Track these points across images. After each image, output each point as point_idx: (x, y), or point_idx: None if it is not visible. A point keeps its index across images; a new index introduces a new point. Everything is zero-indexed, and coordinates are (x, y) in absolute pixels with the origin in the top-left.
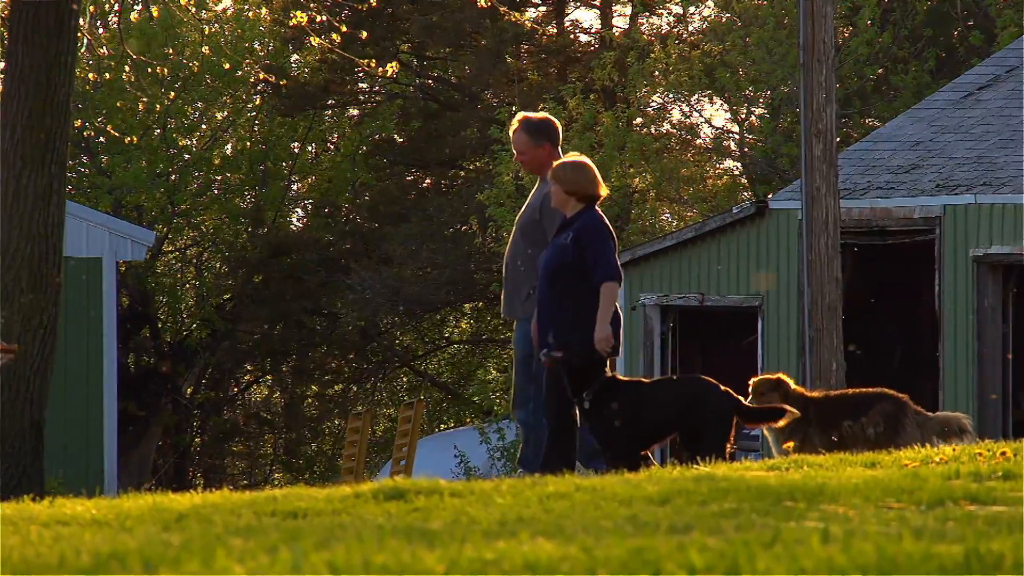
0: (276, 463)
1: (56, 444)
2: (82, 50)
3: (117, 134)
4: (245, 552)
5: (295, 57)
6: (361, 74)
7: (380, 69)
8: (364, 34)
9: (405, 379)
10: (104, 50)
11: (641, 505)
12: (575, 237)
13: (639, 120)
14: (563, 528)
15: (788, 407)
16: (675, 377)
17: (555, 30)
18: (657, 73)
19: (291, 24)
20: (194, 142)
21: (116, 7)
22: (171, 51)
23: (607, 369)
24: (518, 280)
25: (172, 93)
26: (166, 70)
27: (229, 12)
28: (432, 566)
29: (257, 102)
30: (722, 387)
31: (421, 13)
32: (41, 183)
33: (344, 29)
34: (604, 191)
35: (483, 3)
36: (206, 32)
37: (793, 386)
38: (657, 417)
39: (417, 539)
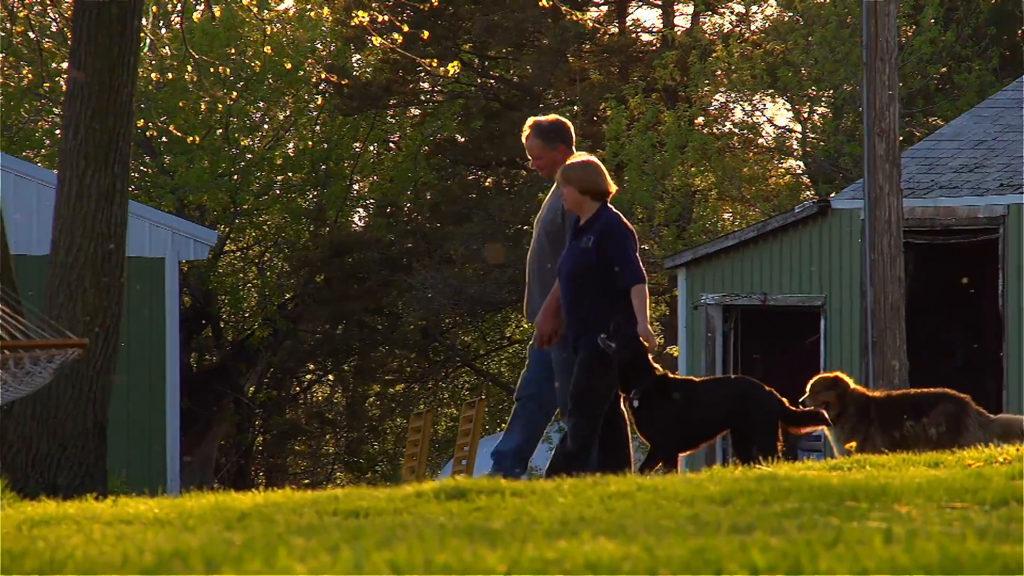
0: (338, 462)
1: (119, 443)
2: (145, 50)
3: (180, 134)
4: (307, 551)
5: (357, 57)
6: (423, 74)
7: (442, 69)
8: (426, 34)
9: (466, 378)
10: (167, 50)
11: (703, 505)
12: (597, 240)
13: (701, 119)
14: (625, 528)
15: (827, 417)
16: (724, 377)
17: (617, 29)
18: (719, 72)
19: (353, 24)
20: (256, 142)
21: (179, 7)
22: (233, 51)
23: (658, 368)
24: (545, 284)
25: (234, 93)
26: (228, 70)
27: (291, 12)
28: (493, 566)
29: (319, 102)
30: (768, 388)
31: (483, 13)
32: (104, 183)
33: (406, 29)
34: (610, 186)
35: (545, 2)
36: (268, 32)
37: (852, 385)
38: (706, 417)
39: (478, 538)
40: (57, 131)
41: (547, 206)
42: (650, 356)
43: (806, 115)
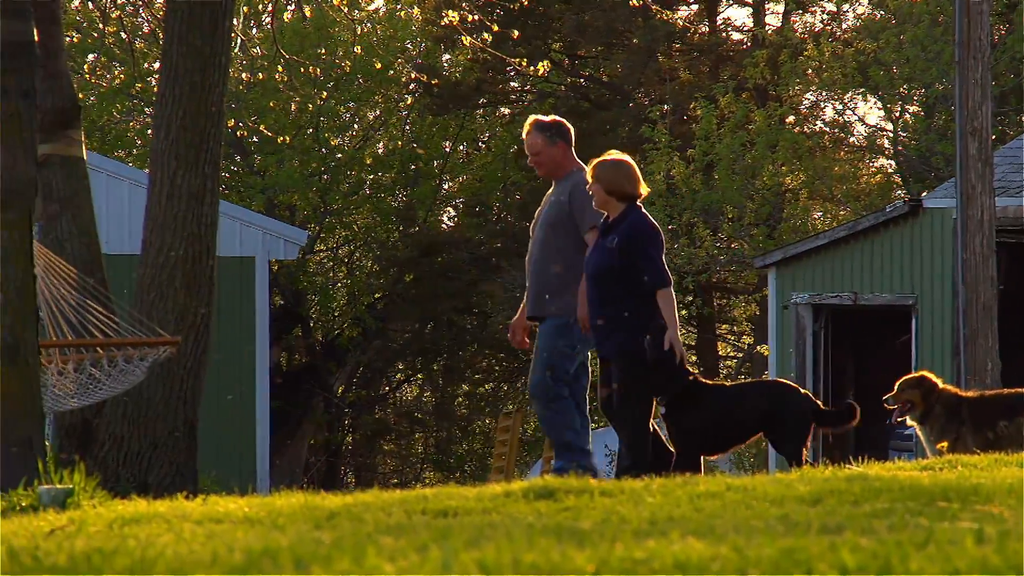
0: (427, 462)
1: (209, 442)
2: (236, 50)
3: (270, 134)
4: (396, 551)
5: (447, 56)
6: (512, 73)
7: (531, 68)
8: (516, 33)
9: None
10: (257, 50)
11: (793, 505)
12: (622, 242)
13: (791, 118)
14: (714, 528)
15: (856, 410)
16: (758, 380)
17: (707, 28)
18: (810, 71)
19: (443, 23)
20: (346, 142)
21: (270, 8)
22: (324, 51)
23: (692, 371)
24: (547, 280)
25: (324, 93)
26: (318, 70)
27: (381, 12)
28: (582, 565)
29: (409, 102)
30: (802, 391)
31: (573, 12)
32: (195, 183)
33: (496, 28)
34: (645, 190)
35: (635, 2)
36: (358, 32)
37: (942, 385)
38: (736, 420)
39: (567, 538)
40: (149, 131)
41: (549, 201)
42: (683, 360)
43: (897, 114)
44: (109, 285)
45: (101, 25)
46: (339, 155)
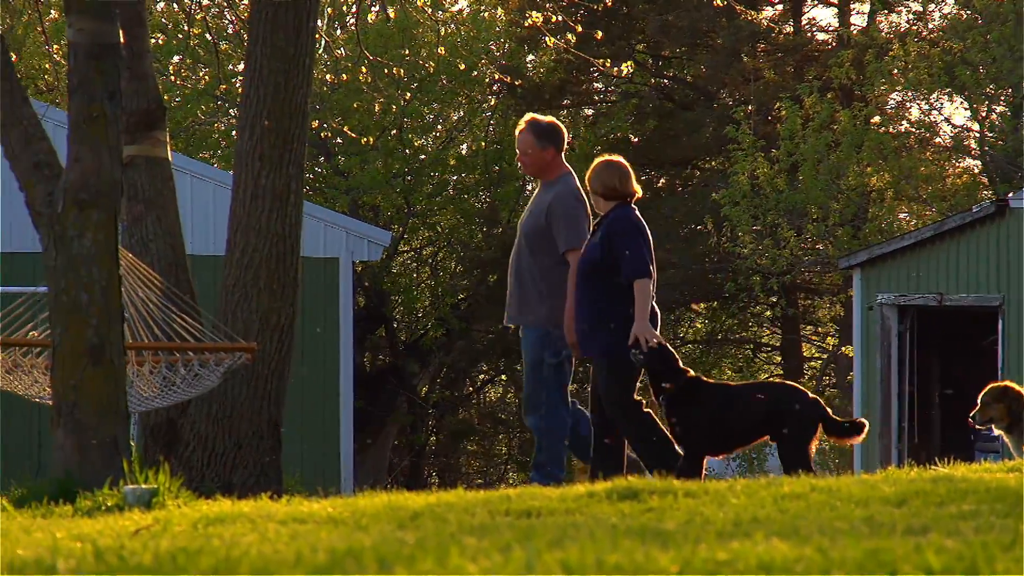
0: (510, 462)
1: (293, 443)
2: (320, 52)
3: (354, 135)
4: (479, 551)
5: (530, 57)
6: (596, 74)
7: (615, 69)
8: (599, 34)
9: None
10: (341, 51)
11: (877, 506)
12: (604, 235)
13: (877, 118)
14: (798, 529)
15: (864, 427)
16: (764, 382)
17: (792, 28)
18: (896, 71)
19: (527, 24)
20: (430, 142)
21: (354, 9)
22: (407, 52)
23: (689, 371)
24: (526, 288)
25: (408, 94)
26: (402, 71)
27: (465, 13)
28: (665, 566)
29: (492, 102)
30: (811, 395)
31: (657, 12)
32: (279, 184)
33: (579, 29)
34: (635, 189)
35: (719, 2)
36: (442, 33)
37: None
38: (740, 420)
39: (650, 539)
40: (233, 132)
41: (530, 210)
42: (676, 358)
43: (984, 114)
44: (194, 286)
45: (186, 27)
46: (423, 156)
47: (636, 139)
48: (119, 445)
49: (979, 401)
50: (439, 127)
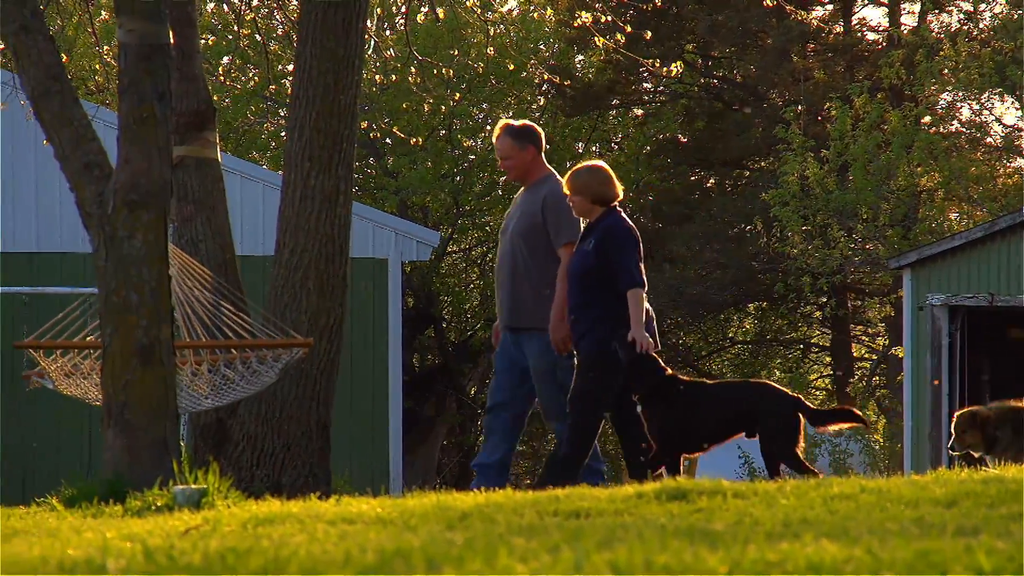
0: None
1: (343, 443)
2: (369, 52)
3: (403, 135)
4: (527, 551)
5: (580, 57)
6: (645, 74)
7: (665, 69)
8: (649, 34)
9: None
10: (391, 52)
11: (928, 507)
12: (596, 243)
13: (927, 119)
14: (847, 530)
15: (856, 411)
16: (738, 380)
17: (842, 28)
18: (946, 71)
19: (576, 24)
20: (479, 143)
21: (403, 9)
22: (456, 53)
23: (667, 369)
24: (523, 291)
25: (457, 94)
26: (451, 71)
27: (514, 13)
28: (714, 567)
29: (541, 103)
30: (786, 391)
31: (706, 12)
32: (328, 184)
33: (629, 29)
34: (618, 192)
35: (769, 2)
36: (491, 33)
37: (991, 407)
38: (712, 419)
39: (699, 540)
40: (282, 133)
41: (520, 212)
42: (657, 358)
43: None
44: (243, 286)
45: (236, 27)
46: (472, 156)
47: (685, 139)
48: (169, 445)
49: (952, 430)
50: (488, 127)
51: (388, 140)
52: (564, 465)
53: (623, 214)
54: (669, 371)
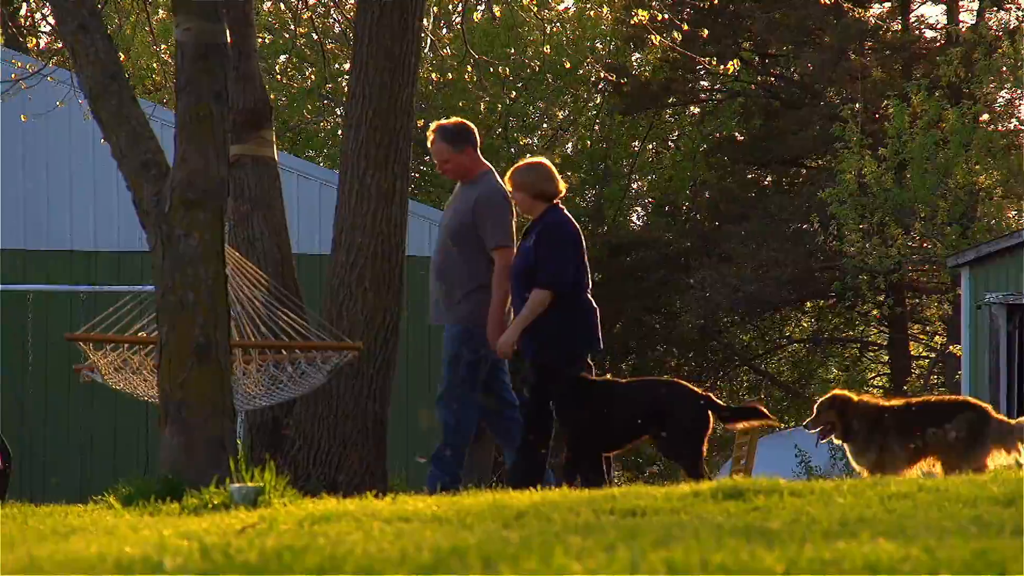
0: (615, 460)
1: (399, 441)
2: (425, 51)
3: None
4: (583, 550)
5: (636, 55)
6: (702, 72)
7: (721, 67)
8: (705, 32)
9: (745, 378)
10: (447, 50)
11: (986, 506)
12: (535, 239)
13: (985, 116)
14: (905, 528)
15: (763, 409)
16: (648, 379)
17: (900, 26)
18: (1004, 68)
19: (632, 22)
20: (535, 141)
21: (459, 8)
22: (513, 51)
23: (584, 370)
24: (450, 285)
25: (513, 93)
26: (507, 70)
27: (571, 11)
28: (771, 566)
29: (598, 101)
30: (697, 390)
31: (764, 10)
32: (385, 182)
33: (685, 27)
34: (560, 188)
35: (826, 0)
36: (548, 32)
37: (857, 399)
38: (622, 418)
39: (756, 538)
40: (339, 131)
41: (453, 208)
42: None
43: None
44: (300, 284)
45: (292, 26)
46: (528, 155)
47: (742, 137)
48: (225, 443)
49: (814, 410)
50: (544, 126)
51: None
52: (523, 464)
53: (565, 211)
54: (583, 373)
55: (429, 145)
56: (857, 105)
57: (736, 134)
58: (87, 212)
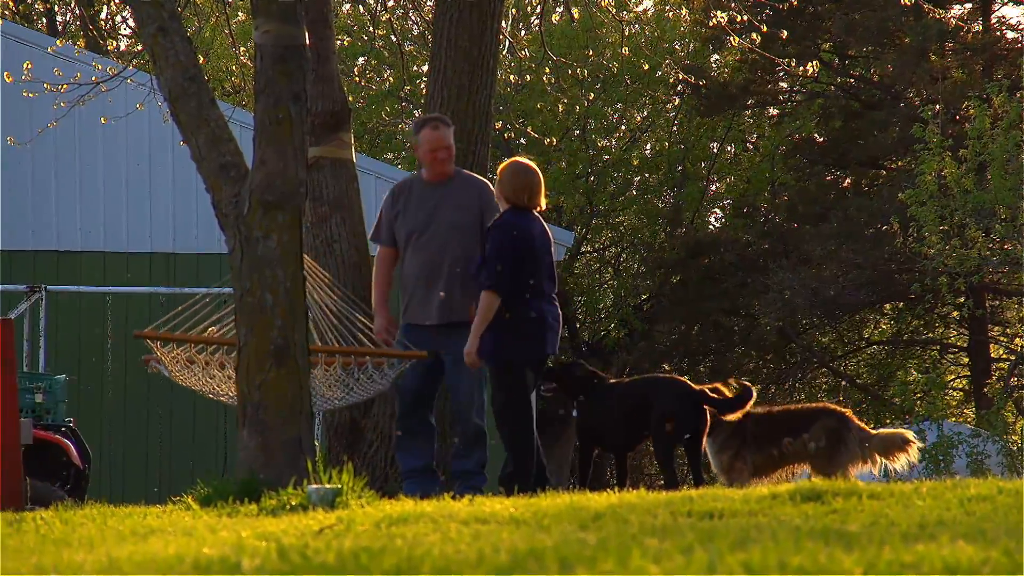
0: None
1: None
2: (503, 52)
3: (537, 136)
4: (660, 552)
5: (715, 57)
6: (782, 73)
7: (801, 68)
8: (784, 33)
9: (824, 380)
10: (525, 52)
11: None
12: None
13: None
14: (984, 531)
15: (749, 393)
16: (647, 376)
17: (981, 27)
18: None
19: (711, 24)
20: (613, 143)
21: (538, 9)
22: (591, 52)
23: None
24: (465, 284)
25: (591, 94)
26: (586, 72)
27: (649, 13)
28: (849, 568)
29: (676, 103)
30: (689, 385)
31: (843, 11)
32: None
33: (765, 28)
34: (530, 201)
35: (907, 1)
36: (626, 33)
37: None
38: (625, 417)
39: (834, 541)
40: None
41: (455, 204)
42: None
43: None
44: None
45: (371, 28)
46: (606, 156)
47: (821, 139)
48: (303, 445)
49: None
50: (622, 127)
51: (522, 140)
52: (512, 480)
53: (518, 216)
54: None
55: (433, 132)
56: (937, 106)
57: (815, 135)
58: (167, 215)
